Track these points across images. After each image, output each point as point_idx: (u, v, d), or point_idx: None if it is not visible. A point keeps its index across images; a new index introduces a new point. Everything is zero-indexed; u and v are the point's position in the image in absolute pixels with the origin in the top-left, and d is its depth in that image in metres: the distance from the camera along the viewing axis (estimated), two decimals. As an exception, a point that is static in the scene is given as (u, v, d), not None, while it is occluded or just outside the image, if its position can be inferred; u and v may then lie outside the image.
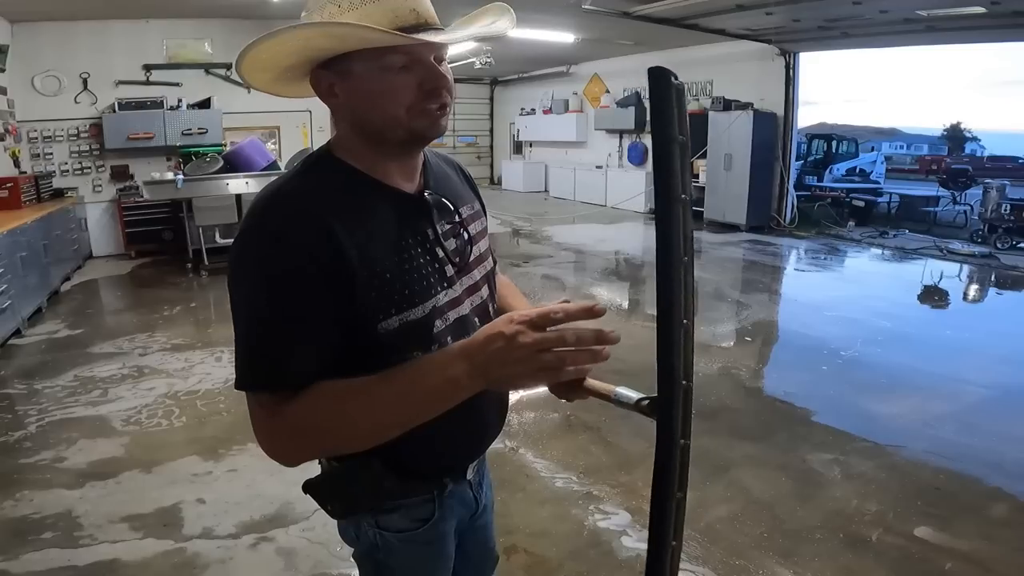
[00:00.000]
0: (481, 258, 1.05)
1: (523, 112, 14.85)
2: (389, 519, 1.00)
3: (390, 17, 0.84)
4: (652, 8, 7.10)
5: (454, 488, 1.04)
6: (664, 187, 0.71)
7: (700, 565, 2.23)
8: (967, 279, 6.98)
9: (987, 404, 3.63)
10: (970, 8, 6.32)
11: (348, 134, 0.94)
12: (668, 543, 0.84)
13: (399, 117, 0.87)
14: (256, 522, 2.47)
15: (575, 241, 8.74)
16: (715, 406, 3.51)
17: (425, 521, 1.02)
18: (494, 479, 1.26)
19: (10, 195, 5.80)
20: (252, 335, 0.85)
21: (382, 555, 1.01)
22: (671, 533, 0.85)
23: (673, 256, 0.71)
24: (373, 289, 0.86)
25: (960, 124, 49.89)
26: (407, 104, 0.87)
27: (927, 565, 2.24)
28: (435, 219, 0.97)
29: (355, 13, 0.84)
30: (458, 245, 1.00)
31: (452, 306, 0.96)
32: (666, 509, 0.83)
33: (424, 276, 0.92)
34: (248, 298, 0.85)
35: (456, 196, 1.04)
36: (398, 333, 0.89)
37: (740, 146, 9.20)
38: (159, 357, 4.30)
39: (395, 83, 0.86)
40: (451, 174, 1.09)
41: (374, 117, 0.89)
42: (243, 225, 0.86)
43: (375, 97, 0.88)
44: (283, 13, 7.73)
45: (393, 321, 0.88)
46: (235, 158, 7.15)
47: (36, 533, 2.41)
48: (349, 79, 0.88)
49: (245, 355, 0.84)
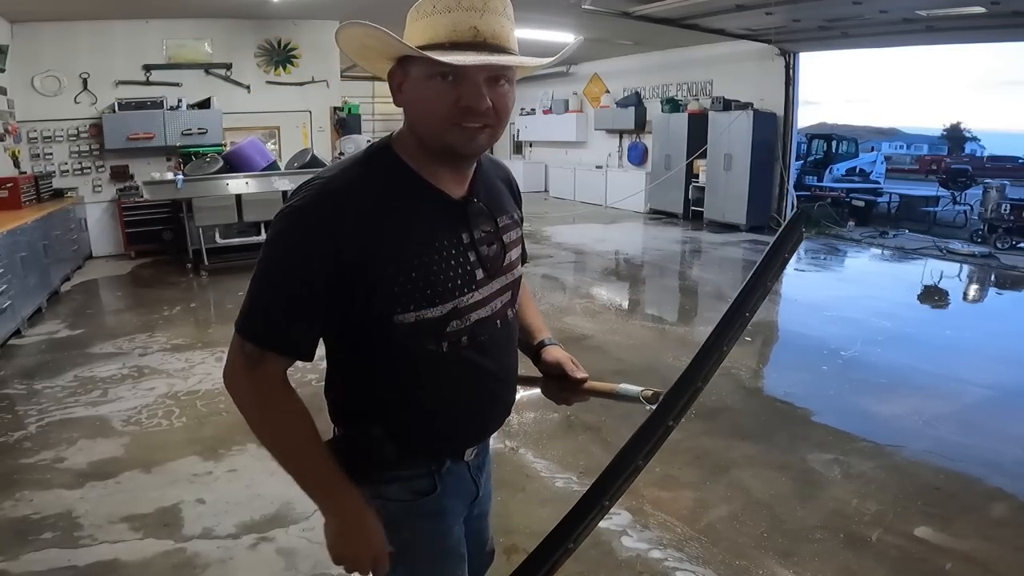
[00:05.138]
0: (511, 266, 1.10)
1: (523, 112, 14.85)
2: (389, 489, 1.04)
3: (448, 30, 0.88)
4: (652, 8, 7.10)
5: (452, 467, 1.09)
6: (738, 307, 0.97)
7: (701, 565, 2.23)
8: (967, 279, 6.97)
9: (987, 404, 3.63)
10: (970, 8, 6.32)
11: (407, 132, 0.99)
12: (600, 502, 1.06)
13: (434, 127, 0.93)
14: (256, 522, 2.47)
15: (575, 241, 8.74)
16: (715, 406, 3.51)
17: (425, 494, 1.06)
18: (494, 479, 1.26)
19: (10, 195, 5.79)
20: (264, 295, 0.93)
21: (388, 531, 1.04)
22: (606, 494, 1.05)
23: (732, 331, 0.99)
24: (396, 285, 0.93)
25: (960, 124, 49.86)
26: (442, 116, 0.91)
27: (927, 565, 2.24)
28: (472, 225, 1.01)
29: (424, 21, 0.90)
30: (492, 252, 1.04)
31: (475, 308, 1.01)
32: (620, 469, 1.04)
33: (451, 278, 0.97)
34: (272, 264, 0.93)
35: (499, 206, 1.09)
36: (411, 327, 0.96)
37: (740, 146, 9.20)
38: (159, 357, 4.30)
39: (436, 93, 0.90)
40: (500, 185, 1.14)
41: (418, 122, 0.96)
42: (294, 202, 0.93)
43: (419, 102, 0.93)
44: (283, 13, 7.74)
45: (409, 316, 0.95)
46: (235, 158, 7.14)
47: (36, 533, 2.41)
48: (408, 80, 0.94)
49: (253, 306, 0.93)
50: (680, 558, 2.27)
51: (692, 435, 3.14)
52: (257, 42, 8.14)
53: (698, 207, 10.19)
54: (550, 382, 1.22)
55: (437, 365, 0.99)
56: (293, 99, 8.41)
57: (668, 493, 2.68)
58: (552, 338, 1.26)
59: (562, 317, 5.21)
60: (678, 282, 7.07)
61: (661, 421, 1.00)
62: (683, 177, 10.26)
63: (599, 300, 5.91)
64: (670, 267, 7.60)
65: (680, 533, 2.41)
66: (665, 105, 10.81)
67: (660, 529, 2.43)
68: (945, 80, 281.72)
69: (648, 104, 11.59)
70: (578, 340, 4.61)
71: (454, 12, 0.88)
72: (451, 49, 0.88)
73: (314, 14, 7.78)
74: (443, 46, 0.88)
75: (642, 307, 6.09)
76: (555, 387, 1.22)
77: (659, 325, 5.32)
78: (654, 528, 2.44)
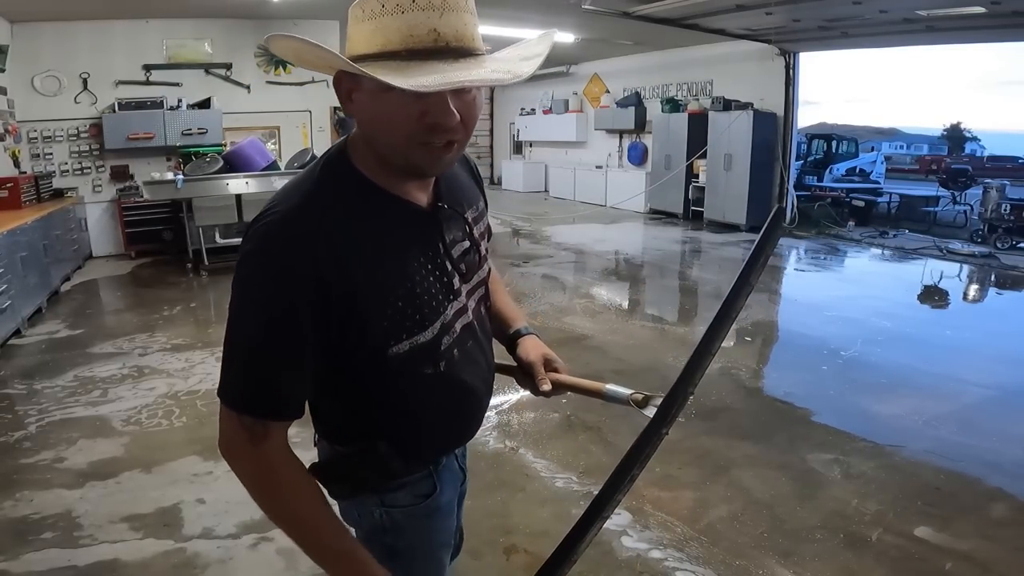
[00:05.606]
0: (483, 259, 1.06)
1: (523, 112, 14.85)
2: (395, 497, 1.02)
3: (404, 34, 0.76)
4: (652, 8, 7.09)
5: (447, 461, 1.09)
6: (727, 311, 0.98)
7: (701, 565, 2.23)
8: (967, 279, 6.97)
9: (987, 404, 3.62)
10: (970, 8, 6.31)
11: (362, 143, 0.90)
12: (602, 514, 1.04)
13: (396, 145, 0.83)
14: (256, 522, 2.46)
15: (575, 241, 8.74)
16: (715, 406, 3.51)
17: (427, 496, 1.05)
18: (494, 479, 1.26)
19: (10, 195, 5.79)
20: (256, 362, 0.84)
21: (390, 537, 1.03)
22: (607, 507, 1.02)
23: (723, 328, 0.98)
24: (385, 318, 0.87)
25: (960, 124, 49.91)
26: (405, 134, 0.81)
27: (927, 565, 2.24)
28: (445, 232, 0.96)
29: (371, 24, 0.77)
30: (465, 253, 1.00)
31: (458, 316, 0.98)
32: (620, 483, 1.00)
33: (433, 296, 0.92)
34: (252, 323, 0.84)
35: (465, 199, 1.04)
36: (407, 356, 0.91)
37: (740, 146, 9.20)
38: (159, 357, 4.30)
39: (396, 109, 0.79)
40: (460, 172, 1.08)
41: (376, 138, 0.86)
42: (248, 246, 0.84)
43: (377, 118, 0.83)
44: (283, 13, 7.74)
45: (404, 345, 0.90)
46: (235, 158, 7.14)
47: (36, 533, 2.41)
48: (360, 90, 0.82)
49: (246, 375, 0.85)
50: (680, 558, 2.27)
51: (692, 435, 3.14)
52: (257, 42, 8.13)
53: (698, 207, 10.19)
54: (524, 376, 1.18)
55: (435, 384, 0.97)
56: (293, 99, 8.41)
57: (668, 493, 2.68)
58: (528, 326, 1.22)
59: (562, 317, 5.21)
60: (678, 282, 7.07)
61: (657, 429, 0.96)
62: (683, 177, 10.26)
63: (599, 300, 5.91)
64: (670, 267, 7.59)
65: (680, 533, 2.41)
66: (665, 105, 10.81)
67: (660, 529, 2.43)
68: (945, 80, 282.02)
69: (648, 104, 11.60)
70: (578, 340, 4.61)
71: (408, 13, 0.75)
72: (408, 59, 0.76)
73: (314, 14, 7.78)
74: (398, 54, 0.76)
75: (642, 307, 6.09)
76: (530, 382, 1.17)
77: (659, 325, 5.32)
78: (654, 528, 2.44)
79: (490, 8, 5.82)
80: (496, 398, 3.41)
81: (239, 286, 0.84)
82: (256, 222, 0.85)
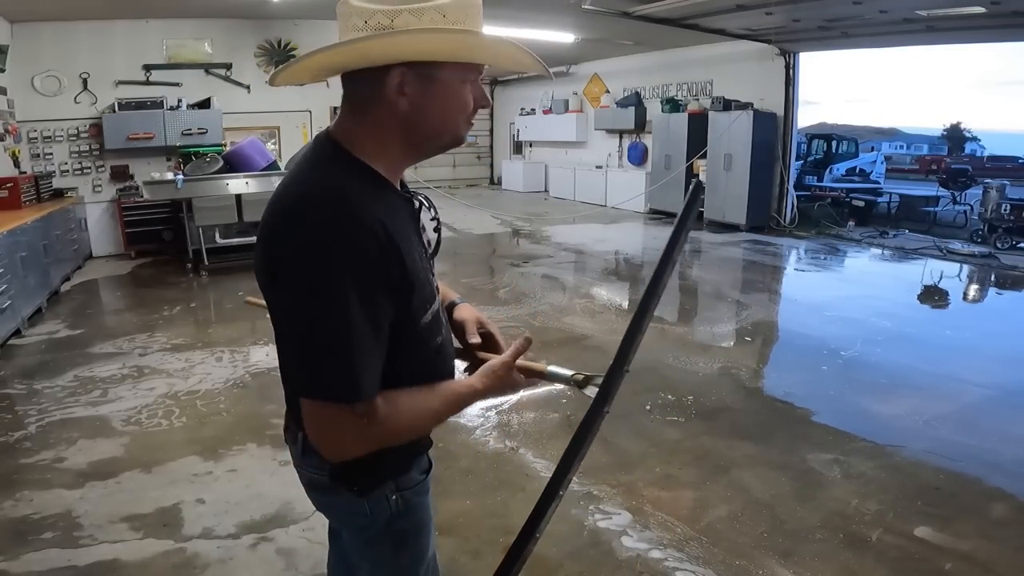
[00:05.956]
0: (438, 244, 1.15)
1: (523, 112, 14.85)
2: (407, 478, 1.08)
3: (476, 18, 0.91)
4: (652, 8, 7.10)
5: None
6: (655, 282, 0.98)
7: (701, 565, 2.23)
8: (967, 279, 6.97)
9: (987, 404, 3.63)
10: (970, 8, 6.32)
11: (373, 134, 0.94)
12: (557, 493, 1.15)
13: (459, 125, 0.97)
14: (256, 522, 2.47)
15: (575, 241, 8.73)
16: (715, 406, 3.51)
17: (427, 470, 1.13)
18: (494, 479, 1.27)
19: (10, 195, 5.80)
20: (351, 347, 0.85)
21: (403, 521, 1.07)
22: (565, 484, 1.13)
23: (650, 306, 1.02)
24: (415, 291, 0.94)
25: (960, 124, 49.90)
26: (467, 115, 0.97)
27: (927, 565, 2.24)
28: (421, 218, 1.05)
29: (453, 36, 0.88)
30: (433, 235, 1.11)
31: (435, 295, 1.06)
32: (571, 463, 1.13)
33: (427, 271, 1.01)
34: (340, 311, 0.84)
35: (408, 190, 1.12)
36: (427, 327, 1.00)
37: (740, 146, 9.20)
38: (159, 357, 4.30)
39: (467, 95, 0.95)
40: None
41: (437, 121, 0.95)
42: (309, 234, 0.84)
43: (449, 104, 0.94)
44: (283, 13, 7.75)
45: (428, 316, 0.99)
46: (235, 158, 7.15)
47: (36, 533, 2.41)
48: (429, 83, 0.91)
49: (345, 366, 0.85)
50: (680, 558, 2.27)
51: (692, 435, 3.14)
52: (257, 42, 8.15)
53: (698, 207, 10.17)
54: (465, 354, 1.19)
55: (440, 352, 1.06)
56: (293, 99, 8.42)
57: (668, 493, 2.68)
58: (463, 298, 1.28)
59: (562, 317, 5.21)
60: (678, 282, 7.06)
61: (600, 408, 1.06)
62: (683, 177, 10.26)
63: (599, 300, 5.91)
64: (670, 267, 7.58)
65: (680, 533, 2.40)
66: (665, 105, 10.81)
67: (660, 529, 2.43)
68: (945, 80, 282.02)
69: (648, 104, 11.60)
70: (578, 340, 4.61)
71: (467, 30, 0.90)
72: None
73: (314, 14, 7.78)
74: None
75: (642, 307, 6.08)
76: (471, 363, 1.17)
77: (659, 325, 5.31)
78: (654, 528, 2.44)
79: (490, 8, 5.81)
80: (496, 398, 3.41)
81: (310, 278, 0.84)
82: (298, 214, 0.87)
